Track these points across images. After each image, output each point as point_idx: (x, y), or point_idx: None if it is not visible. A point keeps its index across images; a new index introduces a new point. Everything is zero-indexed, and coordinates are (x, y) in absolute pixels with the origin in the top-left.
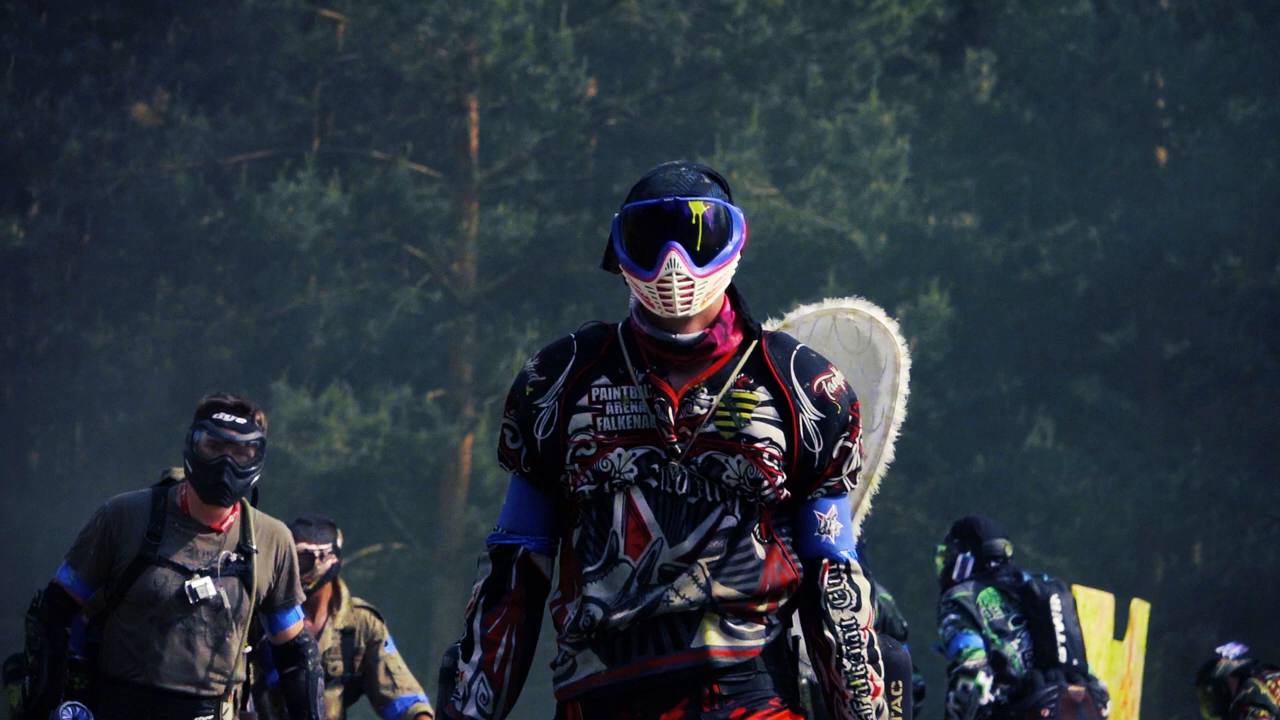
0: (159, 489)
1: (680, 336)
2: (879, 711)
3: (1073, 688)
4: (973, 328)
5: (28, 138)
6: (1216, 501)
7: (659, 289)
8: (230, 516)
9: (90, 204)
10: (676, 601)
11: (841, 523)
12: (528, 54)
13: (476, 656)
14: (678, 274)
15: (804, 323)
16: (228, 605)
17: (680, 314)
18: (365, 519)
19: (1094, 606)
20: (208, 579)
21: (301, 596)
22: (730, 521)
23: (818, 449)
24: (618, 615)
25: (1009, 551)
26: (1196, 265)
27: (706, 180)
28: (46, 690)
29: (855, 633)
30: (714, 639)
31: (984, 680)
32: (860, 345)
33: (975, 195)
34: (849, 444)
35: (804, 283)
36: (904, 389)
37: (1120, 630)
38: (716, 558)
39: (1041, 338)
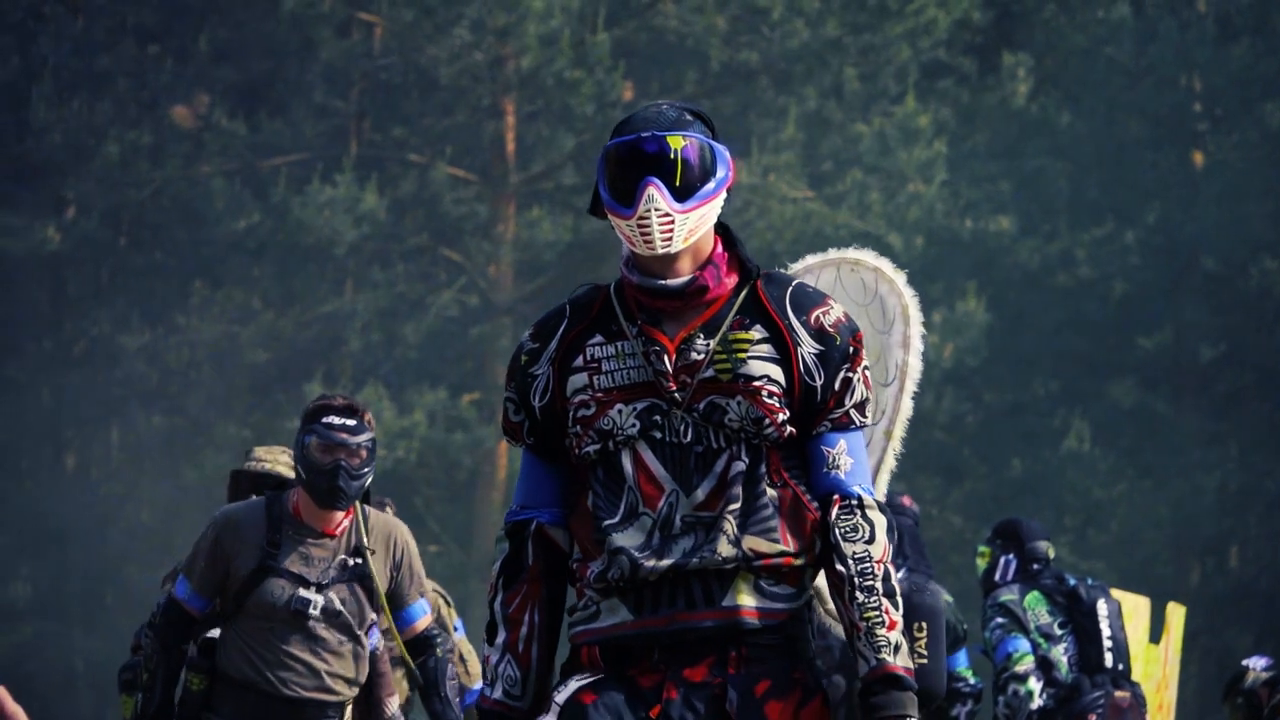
0: (271, 495)
1: (670, 281)
2: (896, 647)
3: (1119, 693)
4: (1009, 331)
5: (64, 141)
6: (1253, 505)
7: (638, 226)
8: (343, 519)
9: (127, 207)
10: (711, 559)
11: (852, 458)
12: (564, 57)
13: (500, 638)
14: (656, 209)
15: (808, 273)
16: (347, 610)
17: (660, 251)
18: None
19: (1130, 610)
20: (322, 592)
21: (425, 591)
22: (739, 466)
23: (819, 381)
24: (648, 565)
25: (1051, 554)
26: (1233, 268)
27: (689, 117)
28: (159, 710)
29: (868, 565)
30: (746, 599)
31: (1034, 685)
32: (868, 297)
33: (1012, 198)
34: (851, 374)
35: None
36: (917, 342)
37: (1156, 634)
38: (737, 506)
39: (1078, 341)
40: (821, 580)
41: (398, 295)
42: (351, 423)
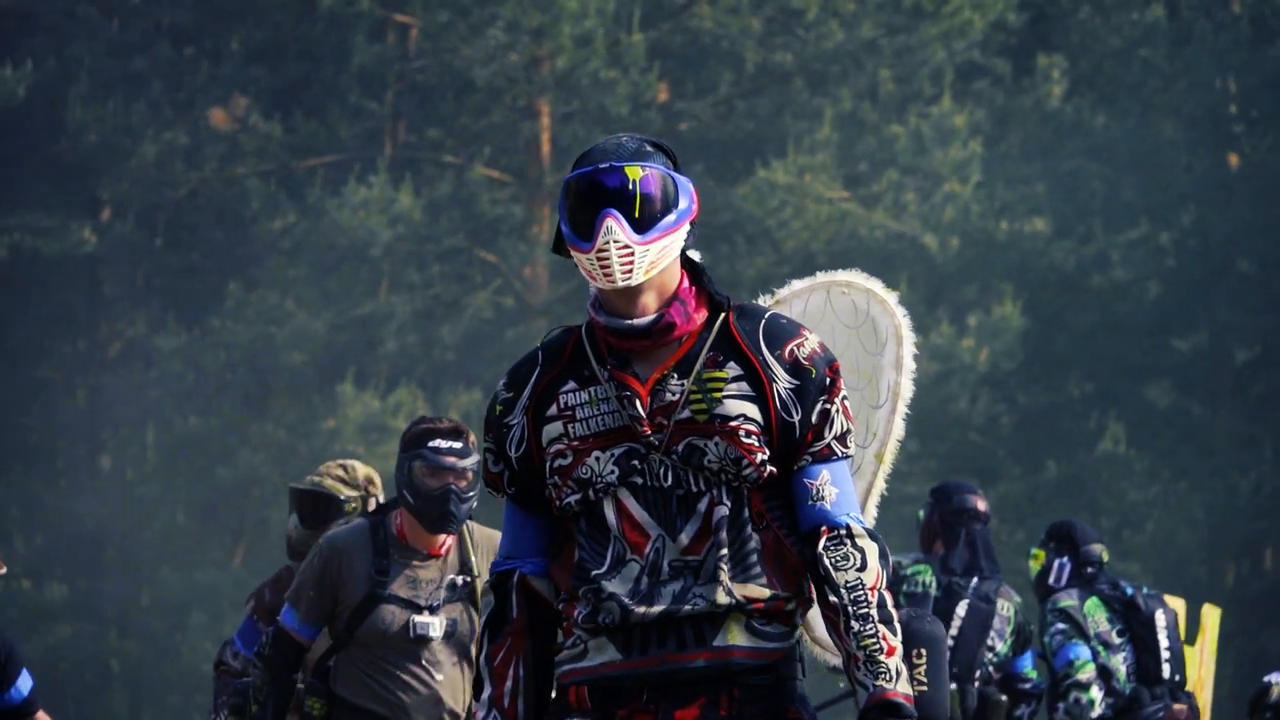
0: (374, 520)
1: (636, 321)
2: (896, 673)
3: (1177, 706)
4: (1044, 333)
5: (100, 142)
6: None
7: (598, 259)
8: (447, 539)
9: (162, 208)
10: (702, 605)
11: (837, 488)
12: (599, 58)
13: (486, 693)
14: (615, 242)
15: (796, 298)
16: (460, 630)
17: (621, 284)
18: None
19: None
20: (435, 615)
21: None
22: (722, 510)
23: (796, 417)
24: (639, 610)
25: (1105, 557)
26: (1269, 270)
27: (649, 149)
28: None
29: (862, 593)
30: (738, 639)
31: (1096, 694)
32: (858, 319)
33: (1047, 200)
34: (829, 406)
35: None
36: (909, 362)
37: (1191, 636)
38: (724, 551)
39: (1113, 343)
40: (814, 613)
41: (433, 297)
42: (458, 445)
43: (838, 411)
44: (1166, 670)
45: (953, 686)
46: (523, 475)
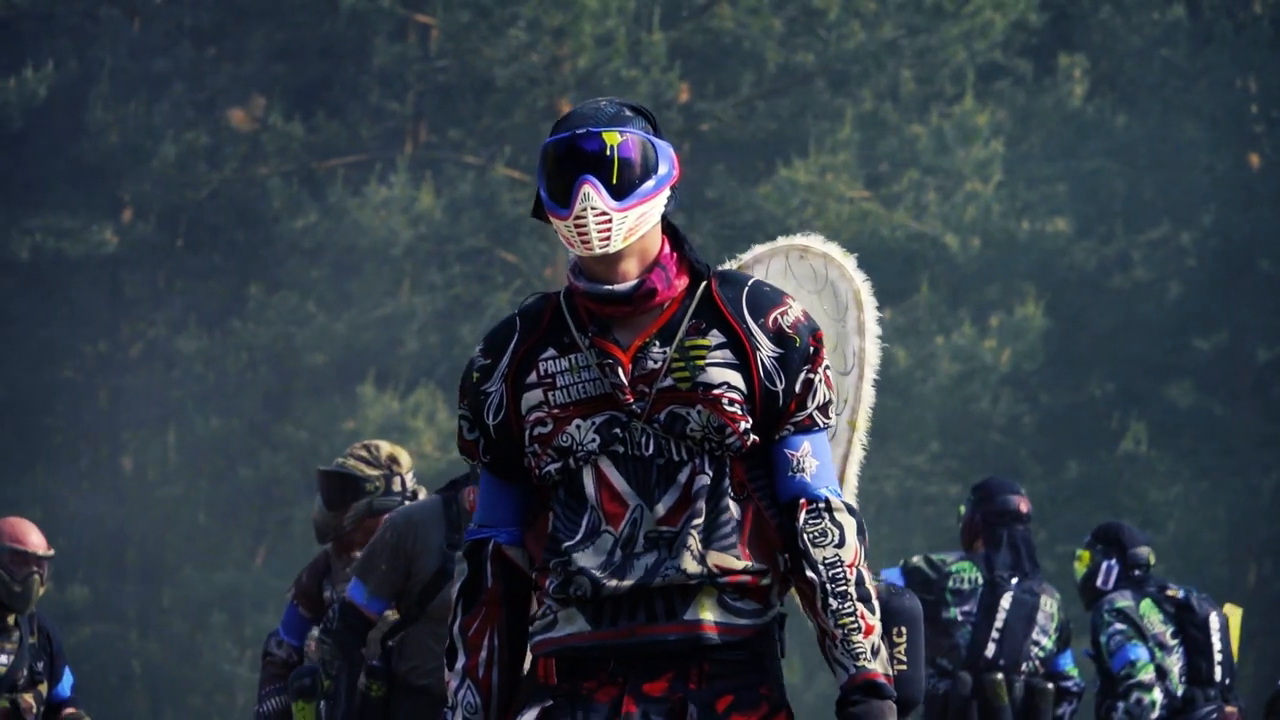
0: (447, 495)
1: (617, 286)
2: (874, 651)
3: (1229, 709)
4: (1066, 333)
5: (121, 143)
6: None
7: (575, 226)
8: None
9: (183, 209)
10: (674, 576)
11: (818, 459)
12: (620, 58)
13: (460, 663)
14: (593, 208)
15: (757, 263)
16: None
17: (599, 251)
18: None
19: None
20: None
21: None
22: (703, 480)
23: (780, 386)
24: (610, 584)
25: (1152, 560)
26: None
27: (628, 113)
28: (345, 716)
29: (840, 569)
30: (708, 614)
31: (1158, 695)
32: (819, 284)
33: (1068, 200)
34: (812, 375)
35: (897, 287)
36: (872, 326)
37: None
38: (700, 520)
39: (1134, 343)
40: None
41: (454, 297)
42: None
43: (821, 380)
44: (1218, 673)
45: (999, 676)
46: (500, 443)
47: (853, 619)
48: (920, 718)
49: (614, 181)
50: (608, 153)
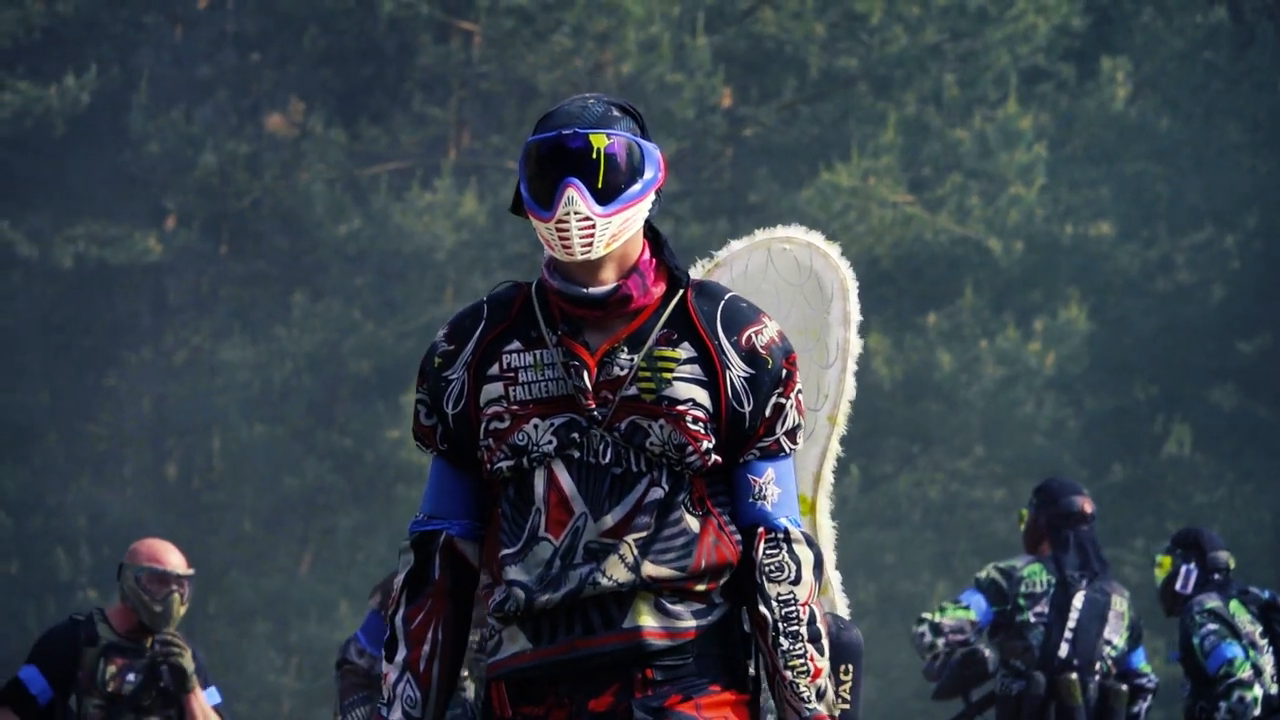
0: None
1: (593, 290)
2: (820, 695)
3: None
4: (1110, 337)
5: (164, 150)
6: None
7: (557, 229)
8: None
9: (226, 216)
10: (604, 583)
11: (780, 488)
12: (664, 63)
13: (400, 655)
14: (576, 213)
15: (736, 259)
16: None
17: (580, 257)
18: None
19: None
20: None
21: None
22: (657, 493)
23: (747, 408)
24: (543, 597)
25: (1232, 564)
26: None
27: (616, 113)
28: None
29: (793, 608)
30: (647, 619)
31: (1258, 692)
32: (802, 275)
33: (1111, 203)
34: (783, 400)
35: (940, 291)
36: (855, 315)
37: None
38: (644, 534)
39: (1178, 346)
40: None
41: None
42: None
43: (791, 406)
44: None
45: (1073, 677)
46: (457, 433)
47: (802, 661)
48: (994, 717)
49: (599, 185)
50: (594, 155)
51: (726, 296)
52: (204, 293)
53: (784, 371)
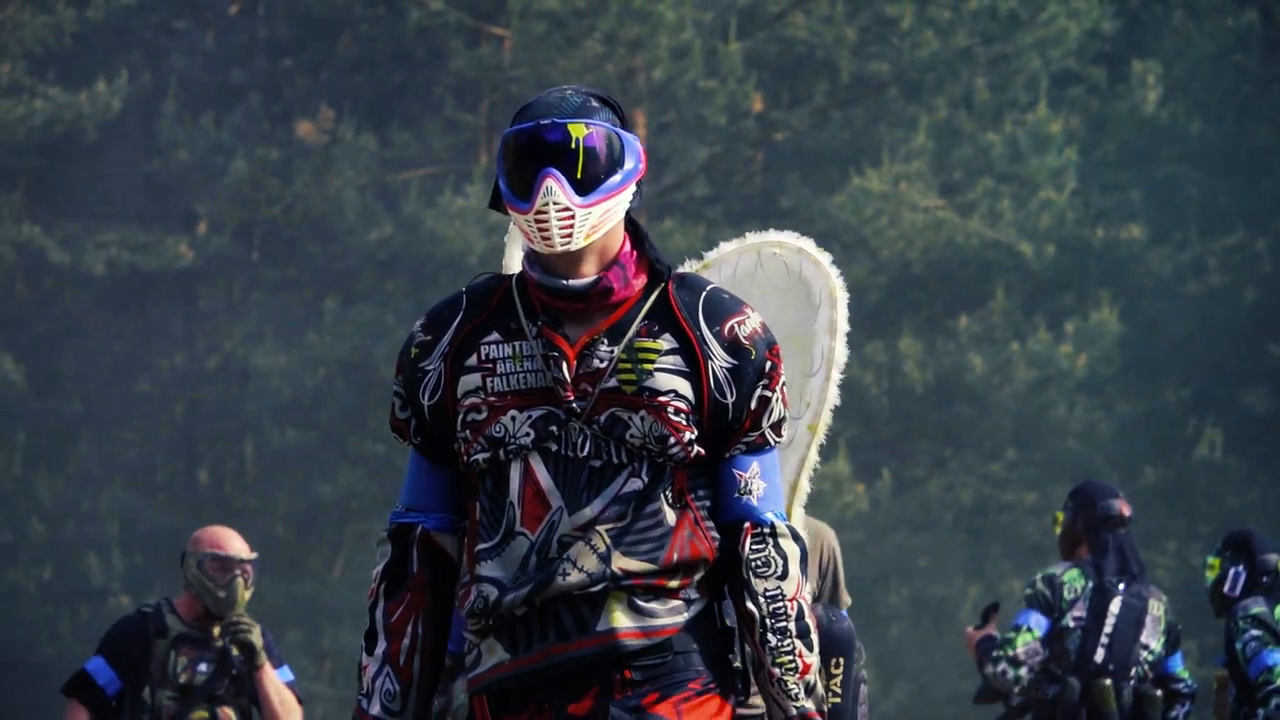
0: None
1: (573, 282)
2: (809, 690)
3: None
4: (1141, 339)
5: (194, 156)
6: None
7: (536, 221)
8: None
9: (258, 222)
10: (574, 576)
11: (765, 481)
12: (695, 69)
13: (380, 649)
14: (555, 204)
15: (725, 261)
16: None
17: (560, 249)
18: None
19: None
20: None
21: (846, 599)
22: (636, 484)
23: (730, 399)
24: (510, 595)
25: None
26: None
27: (595, 103)
28: None
29: (781, 604)
30: (621, 620)
31: None
32: (790, 281)
33: (1142, 206)
34: (768, 393)
35: (971, 295)
36: (843, 325)
37: None
38: (617, 524)
39: (1209, 349)
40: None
41: None
42: None
43: (777, 398)
44: None
45: (1107, 682)
46: (433, 425)
47: (790, 658)
48: None
49: (578, 176)
50: (572, 145)
51: (708, 288)
52: (236, 299)
53: (768, 363)
